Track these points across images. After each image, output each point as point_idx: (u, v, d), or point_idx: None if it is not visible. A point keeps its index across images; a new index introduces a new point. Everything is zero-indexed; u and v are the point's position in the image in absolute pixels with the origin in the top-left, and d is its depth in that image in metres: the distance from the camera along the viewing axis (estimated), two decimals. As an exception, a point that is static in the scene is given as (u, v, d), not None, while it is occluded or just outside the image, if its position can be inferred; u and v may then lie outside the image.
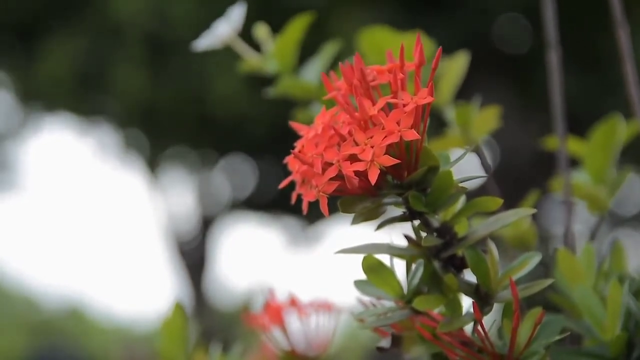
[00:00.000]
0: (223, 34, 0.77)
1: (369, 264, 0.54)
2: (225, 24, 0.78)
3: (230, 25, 0.77)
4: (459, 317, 0.53)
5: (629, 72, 0.73)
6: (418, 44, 0.52)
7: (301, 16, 0.78)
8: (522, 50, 4.02)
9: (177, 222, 5.68)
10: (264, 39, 0.80)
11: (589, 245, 0.65)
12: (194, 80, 3.83)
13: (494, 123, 0.78)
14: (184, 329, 0.76)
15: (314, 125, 0.51)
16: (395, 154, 0.49)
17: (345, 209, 0.51)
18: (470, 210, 0.53)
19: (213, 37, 0.78)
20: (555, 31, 0.78)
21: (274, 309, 0.76)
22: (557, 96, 0.77)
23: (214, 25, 0.78)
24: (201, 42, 0.78)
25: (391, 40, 0.75)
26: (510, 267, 0.54)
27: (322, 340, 0.77)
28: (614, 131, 0.76)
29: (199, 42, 0.78)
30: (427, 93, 0.50)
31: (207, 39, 0.78)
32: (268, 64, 0.79)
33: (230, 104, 3.79)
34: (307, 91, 0.78)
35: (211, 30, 0.78)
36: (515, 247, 0.80)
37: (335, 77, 0.54)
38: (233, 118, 3.94)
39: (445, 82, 0.78)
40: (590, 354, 0.58)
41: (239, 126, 4.09)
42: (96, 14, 3.98)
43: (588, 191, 0.76)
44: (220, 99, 3.79)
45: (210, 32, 0.78)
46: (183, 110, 4.10)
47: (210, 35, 0.78)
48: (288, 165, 0.52)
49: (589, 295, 0.60)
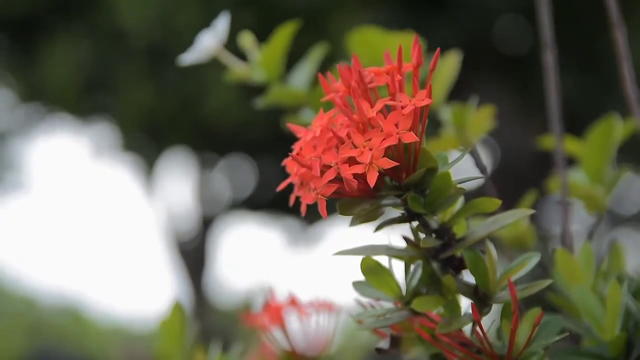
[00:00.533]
0: (208, 47, 0.76)
1: (368, 265, 0.54)
2: (210, 36, 0.77)
3: (215, 37, 0.77)
4: (458, 318, 0.53)
5: (626, 72, 0.73)
6: (416, 44, 0.52)
7: (287, 25, 0.77)
8: (522, 50, 4.02)
9: (177, 221, 5.68)
10: (250, 48, 0.79)
11: (587, 245, 0.65)
12: (193, 88, 3.83)
13: (490, 123, 0.78)
14: (183, 329, 0.76)
15: (312, 128, 0.51)
16: (394, 156, 0.49)
17: (344, 211, 0.51)
18: (468, 211, 0.53)
19: (199, 50, 0.77)
20: (552, 31, 0.78)
21: (273, 308, 0.76)
22: (553, 96, 0.77)
23: (198, 38, 0.77)
24: (187, 57, 0.77)
25: (381, 40, 0.74)
26: (509, 267, 0.54)
27: (322, 340, 0.77)
28: (611, 131, 0.76)
29: (185, 57, 0.77)
30: (425, 95, 0.50)
31: (193, 53, 0.77)
32: (255, 73, 0.78)
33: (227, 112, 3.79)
34: (296, 98, 0.78)
35: (196, 43, 0.77)
36: (514, 247, 0.80)
37: (332, 79, 0.54)
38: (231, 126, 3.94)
39: (438, 83, 0.78)
40: (590, 354, 0.58)
41: (238, 133, 4.09)
42: (100, 19, 3.98)
43: (585, 191, 0.76)
44: (217, 107, 3.79)
45: (195, 46, 0.77)
46: (183, 118, 4.10)
47: (196, 48, 0.77)
48: (286, 167, 0.52)
49: (588, 296, 0.60)
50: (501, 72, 3.97)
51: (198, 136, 4.32)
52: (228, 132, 4.10)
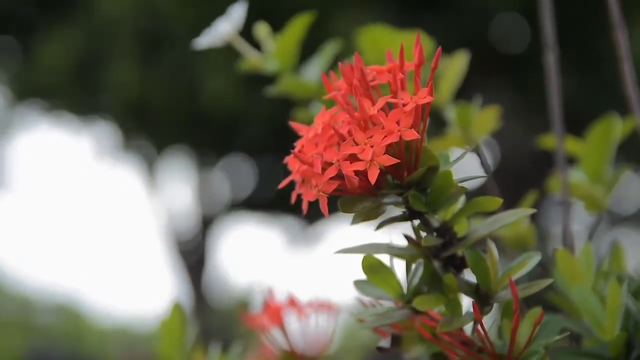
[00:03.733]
0: (224, 33, 0.78)
1: (369, 263, 0.54)
2: (226, 22, 0.78)
3: (231, 24, 0.78)
4: (459, 317, 0.53)
5: (627, 73, 0.73)
6: (418, 43, 0.52)
7: (302, 16, 0.78)
8: (522, 50, 4.03)
9: (177, 221, 5.68)
10: (265, 38, 0.80)
11: (587, 245, 0.64)
12: (187, 76, 3.83)
13: (494, 123, 0.78)
14: (183, 329, 0.76)
15: (314, 125, 0.51)
16: (395, 154, 0.49)
17: (345, 209, 0.51)
18: (470, 210, 0.53)
19: (214, 35, 0.78)
20: (553, 32, 0.78)
21: (273, 308, 0.76)
22: (554, 96, 0.77)
23: (214, 23, 0.78)
24: (202, 41, 0.78)
25: (390, 39, 0.75)
26: (510, 267, 0.54)
27: (322, 340, 0.77)
28: (610, 130, 0.76)
29: (199, 41, 0.78)
30: (426, 93, 0.50)
31: (207, 37, 0.78)
32: (269, 63, 0.79)
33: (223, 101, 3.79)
34: (308, 90, 0.79)
35: (212, 28, 0.78)
36: (514, 247, 0.80)
37: (335, 76, 0.54)
38: (227, 116, 3.93)
39: (445, 82, 0.78)
40: (590, 354, 0.58)
41: (234, 124, 4.09)
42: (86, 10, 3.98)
43: (585, 190, 0.76)
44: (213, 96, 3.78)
45: (211, 31, 0.78)
46: (177, 107, 4.09)
47: (211, 33, 0.78)
48: (288, 164, 0.52)
49: (588, 295, 0.60)
50: (501, 72, 3.97)
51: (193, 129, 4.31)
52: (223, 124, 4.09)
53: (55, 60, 4.03)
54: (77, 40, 4.02)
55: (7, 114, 5.13)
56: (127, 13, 3.76)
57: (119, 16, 3.78)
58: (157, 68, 3.88)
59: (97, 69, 4.04)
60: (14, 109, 5.02)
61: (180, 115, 4.15)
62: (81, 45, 4.02)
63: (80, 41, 4.02)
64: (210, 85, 3.74)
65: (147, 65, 3.89)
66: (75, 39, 4.02)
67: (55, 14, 4.11)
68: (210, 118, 4.00)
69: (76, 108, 4.50)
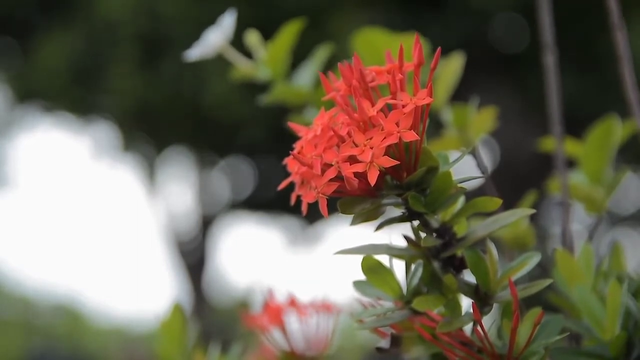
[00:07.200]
0: (215, 43, 0.77)
1: (369, 264, 0.54)
2: (217, 32, 0.77)
3: (221, 34, 0.77)
4: (459, 318, 0.53)
5: (626, 74, 0.73)
6: (417, 44, 0.52)
7: (292, 23, 0.78)
8: (521, 50, 4.02)
9: (177, 221, 5.68)
10: (256, 46, 0.79)
11: (587, 245, 0.65)
12: (188, 80, 3.83)
13: (491, 124, 0.78)
14: (183, 329, 0.76)
15: (313, 127, 0.51)
16: (395, 155, 0.49)
17: (344, 210, 0.51)
18: (469, 211, 0.53)
19: (205, 46, 0.77)
20: (552, 32, 0.78)
21: (273, 309, 0.76)
22: (553, 97, 0.77)
23: (204, 34, 0.78)
24: (193, 52, 0.78)
25: (386, 41, 0.75)
26: (510, 267, 0.54)
27: (321, 341, 0.77)
28: (610, 132, 0.76)
29: (191, 53, 0.78)
30: (426, 94, 0.50)
31: (199, 48, 0.77)
32: (260, 71, 0.79)
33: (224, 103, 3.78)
34: (300, 96, 0.78)
35: (202, 39, 0.78)
36: (514, 247, 0.80)
37: (334, 78, 0.54)
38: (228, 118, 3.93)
39: (441, 84, 0.78)
40: (590, 354, 0.58)
41: (235, 126, 4.09)
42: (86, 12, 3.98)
43: (585, 192, 0.76)
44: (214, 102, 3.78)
45: (201, 42, 0.78)
46: (178, 111, 4.09)
47: (202, 44, 0.77)
48: (287, 166, 0.52)
49: (588, 296, 0.60)
50: (500, 73, 3.97)
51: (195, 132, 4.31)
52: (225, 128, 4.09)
53: (55, 62, 4.03)
54: (77, 42, 4.02)
55: (7, 114, 5.13)
56: (127, 16, 3.76)
57: (119, 19, 3.78)
58: (157, 71, 3.88)
59: (97, 71, 4.04)
60: (14, 109, 5.01)
61: (181, 117, 4.14)
62: (81, 48, 4.02)
63: (80, 43, 4.02)
64: (211, 88, 3.74)
65: (147, 68, 3.89)
66: (75, 41, 4.02)
67: (56, 16, 4.11)
68: (210, 120, 4.00)
69: (76, 108, 4.49)
